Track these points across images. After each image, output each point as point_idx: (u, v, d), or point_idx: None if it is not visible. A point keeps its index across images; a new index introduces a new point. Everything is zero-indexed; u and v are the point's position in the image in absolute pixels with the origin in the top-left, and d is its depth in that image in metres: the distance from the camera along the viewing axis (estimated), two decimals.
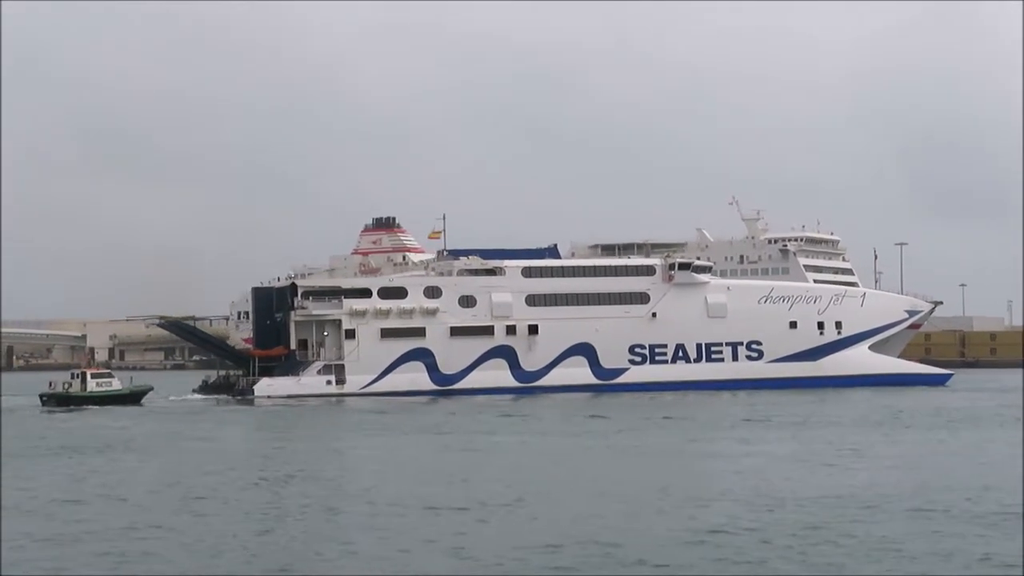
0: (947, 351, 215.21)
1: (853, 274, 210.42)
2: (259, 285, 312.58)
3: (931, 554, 37.86)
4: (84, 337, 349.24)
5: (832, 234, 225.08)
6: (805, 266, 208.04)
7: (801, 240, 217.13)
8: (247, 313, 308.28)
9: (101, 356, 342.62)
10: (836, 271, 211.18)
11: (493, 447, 76.49)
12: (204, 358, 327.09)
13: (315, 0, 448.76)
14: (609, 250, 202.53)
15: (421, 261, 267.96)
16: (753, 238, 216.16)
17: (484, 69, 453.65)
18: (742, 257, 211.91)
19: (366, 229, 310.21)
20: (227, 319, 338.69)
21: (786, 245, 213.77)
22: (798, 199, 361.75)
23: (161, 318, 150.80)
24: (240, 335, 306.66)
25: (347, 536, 42.46)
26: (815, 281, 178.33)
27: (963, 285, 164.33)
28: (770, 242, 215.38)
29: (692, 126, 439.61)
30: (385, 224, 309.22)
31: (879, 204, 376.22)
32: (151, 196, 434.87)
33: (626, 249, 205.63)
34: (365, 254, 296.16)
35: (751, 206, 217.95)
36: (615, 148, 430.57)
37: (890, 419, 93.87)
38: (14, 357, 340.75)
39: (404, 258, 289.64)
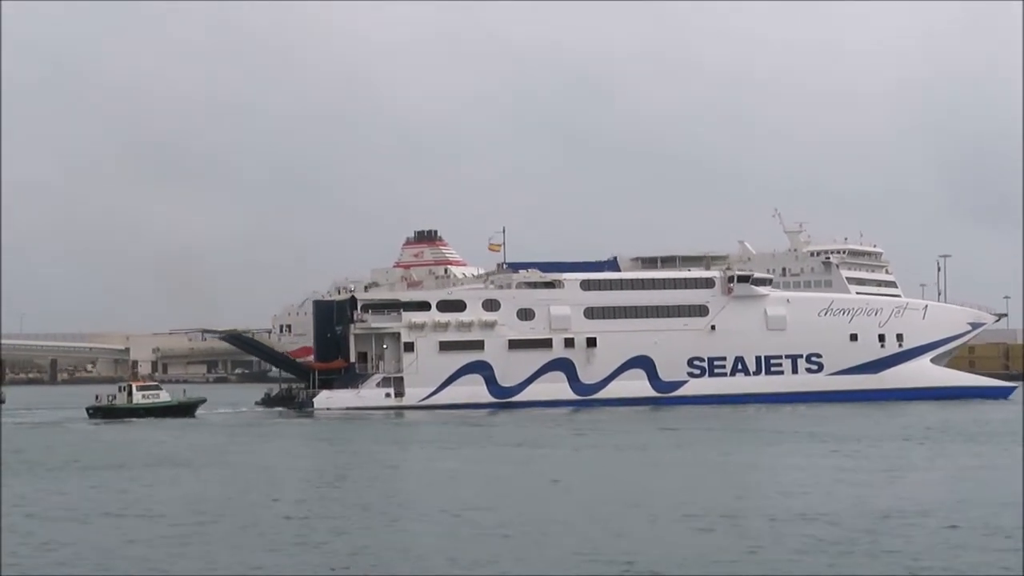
0: (990, 364, 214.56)
1: (896, 286, 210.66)
2: (300, 299, 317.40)
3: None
4: (127, 350, 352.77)
5: (875, 246, 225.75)
6: (848, 279, 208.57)
7: (844, 252, 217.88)
8: (289, 326, 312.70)
9: (144, 369, 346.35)
10: (879, 283, 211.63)
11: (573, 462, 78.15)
12: (246, 371, 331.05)
13: (356, 2, 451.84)
14: (650, 263, 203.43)
15: (464, 274, 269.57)
16: (795, 250, 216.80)
17: (523, 79, 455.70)
18: (784, 270, 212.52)
19: (408, 242, 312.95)
20: (269, 332, 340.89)
21: (829, 257, 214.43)
22: (840, 210, 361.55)
23: (204, 331, 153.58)
24: (282, 348, 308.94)
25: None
26: (857, 293, 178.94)
27: (1007, 297, 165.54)
28: (813, 255, 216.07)
29: (733, 137, 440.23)
30: (427, 237, 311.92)
31: (922, 215, 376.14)
32: (191, 207, 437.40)
33: (667, 262, 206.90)
34: (407, 267, 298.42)
35: (793, 218, 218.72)
36: (655, 158, 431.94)
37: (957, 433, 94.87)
38: (57, 370, 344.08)
39: (446, 271, 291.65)
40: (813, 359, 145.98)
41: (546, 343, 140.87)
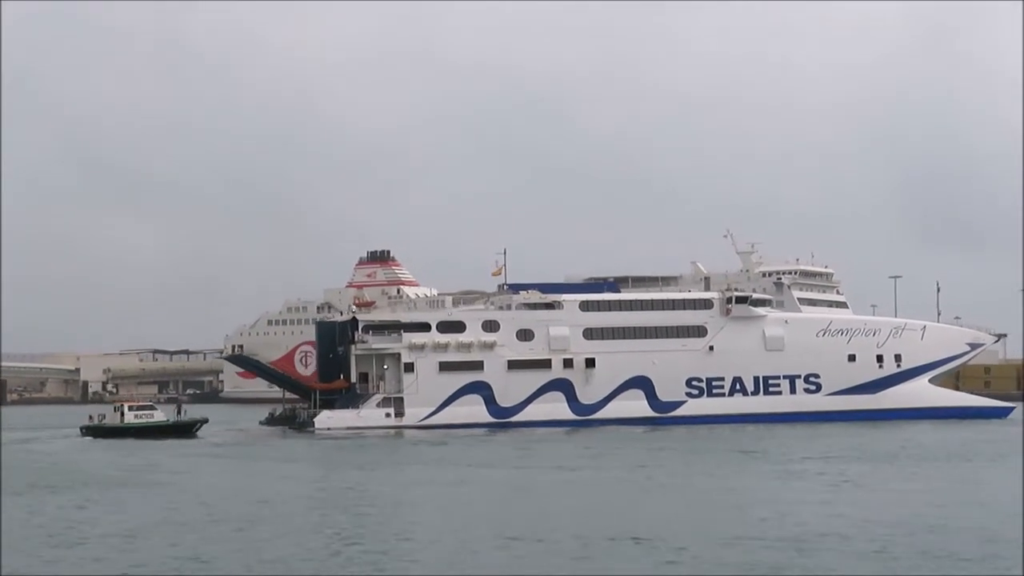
0: (942, 383, 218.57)
1: (847, 307, 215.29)
2: (253, 319, 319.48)
3: None
4: (77, 371, 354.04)
5: (826, 267, 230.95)
6: (799, 299, 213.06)
7: (795, 273, 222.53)
8: (242, 346, 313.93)
9: (95, 389, 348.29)
10: (830, 304, 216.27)
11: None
12: (198, 391, 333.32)
13: (309, 25, 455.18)
14: (602, 283, 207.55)
15: (417, 294, 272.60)
16: (748, 271, 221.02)
17: (477, 99, 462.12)
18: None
19: (361, 262, 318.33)
20: (221, 352, 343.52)
21: (780, 278, 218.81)
22: (792, 231, 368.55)
23: (155, 351, 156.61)
24: (234, 368, 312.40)
25: None
26: None
27: (957, 318, 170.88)
28: (764, 275, 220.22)
29: (685, 157, 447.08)
30: (380, 257, 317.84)
31: (872, 235, 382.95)
32: (144, 227, 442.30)
33: (620, 283, 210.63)
34: (360, 287, 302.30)
35: (745, 239, 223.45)
36: (607, 179, 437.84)
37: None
38: (7, 391, 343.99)
39: (399, 291, 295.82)
40: (811, 379, 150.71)
41: (545, 363, 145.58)
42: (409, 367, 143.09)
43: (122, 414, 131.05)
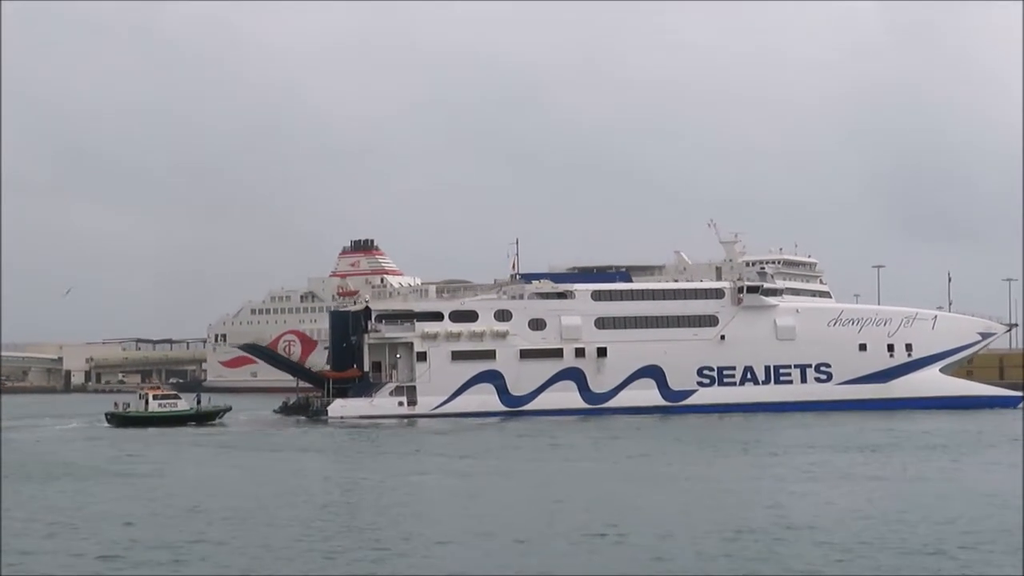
0: None
1: (831, 296, 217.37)
2: (236, 308, 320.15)
3: None
4: (60, 360, 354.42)
5: (809, 256, 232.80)
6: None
7: (779, 263, 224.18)
8: (224, 336, 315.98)
9: (78, 379, 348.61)
10: (814, 294, 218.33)
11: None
12: (181, 380, 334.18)
13: (293, 16, 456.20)
14: (586, 272, 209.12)
15: (401, 283, 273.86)
16: (731, 261, 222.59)
17: (461, 89, 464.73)
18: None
19: (344, 251, 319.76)
20: (204, 341, 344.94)
21: (764, 268, 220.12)
22: (775, 221, 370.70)
23: (138, 340, 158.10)
24: (217, 358, 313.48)
25: None
26: None
27: (939, 308, 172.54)
28: (748, 265, 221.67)
29: (670, 148, 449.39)
30: (363, 246, 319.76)
31: (854, 225, 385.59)
32: (127, 218, 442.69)
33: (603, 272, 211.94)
34: (343, 276, 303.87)
35: (729, 228, 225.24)
36: (590, 169, 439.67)
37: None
38: None
39: (382, 280, 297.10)
40: (822, 369, 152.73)
41: (557, 353, 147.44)
42: (422, 356, 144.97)
43: (146, 402, 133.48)
